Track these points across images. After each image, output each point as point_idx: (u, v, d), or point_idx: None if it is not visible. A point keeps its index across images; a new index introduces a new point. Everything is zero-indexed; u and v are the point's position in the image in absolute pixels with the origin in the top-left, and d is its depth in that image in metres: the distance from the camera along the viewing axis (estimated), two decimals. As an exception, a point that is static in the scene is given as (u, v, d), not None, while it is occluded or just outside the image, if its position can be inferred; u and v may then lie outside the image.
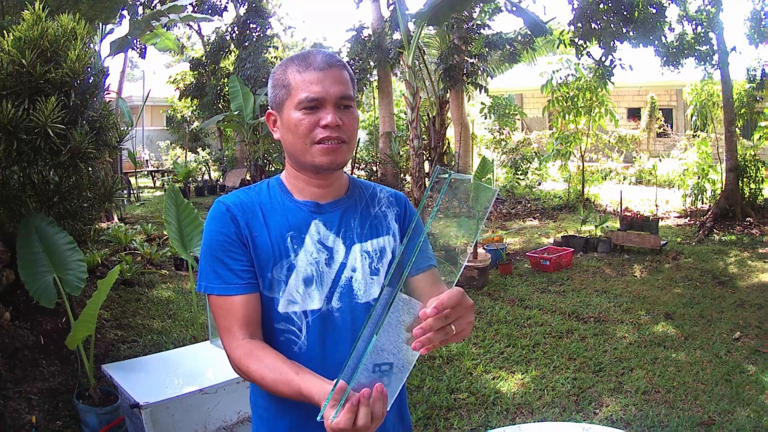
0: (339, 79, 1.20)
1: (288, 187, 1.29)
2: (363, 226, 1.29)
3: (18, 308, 3.56)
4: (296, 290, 1.21)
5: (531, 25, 7.92)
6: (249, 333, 1.19)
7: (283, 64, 1.24)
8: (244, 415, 2.96)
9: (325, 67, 1.19)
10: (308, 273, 1.22)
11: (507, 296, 5.35)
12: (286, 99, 1.21)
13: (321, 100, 1.18)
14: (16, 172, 3.40)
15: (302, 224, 1.24)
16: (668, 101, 17.81)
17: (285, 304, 1.21)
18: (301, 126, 1.18)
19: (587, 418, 3.19)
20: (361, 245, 1.27)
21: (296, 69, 1.20)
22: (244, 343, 1.17)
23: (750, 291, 5.43)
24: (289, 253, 1.22)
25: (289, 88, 1.20)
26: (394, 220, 1.35)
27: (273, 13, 16.07)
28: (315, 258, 1.23)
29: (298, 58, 1.22)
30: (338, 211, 1.28)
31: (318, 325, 1.22)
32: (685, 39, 8.72)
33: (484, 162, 5.80)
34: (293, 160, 1.26)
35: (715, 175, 9.28)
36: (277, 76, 1.24)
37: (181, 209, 3.93)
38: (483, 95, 12.01)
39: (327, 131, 1.18)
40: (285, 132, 1.23)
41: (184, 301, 5.14)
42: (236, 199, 1.25)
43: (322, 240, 1.24)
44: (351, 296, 1.25)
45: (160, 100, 18.01)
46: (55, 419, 3.04)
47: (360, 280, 1.26)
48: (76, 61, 3.16)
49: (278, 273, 1.21)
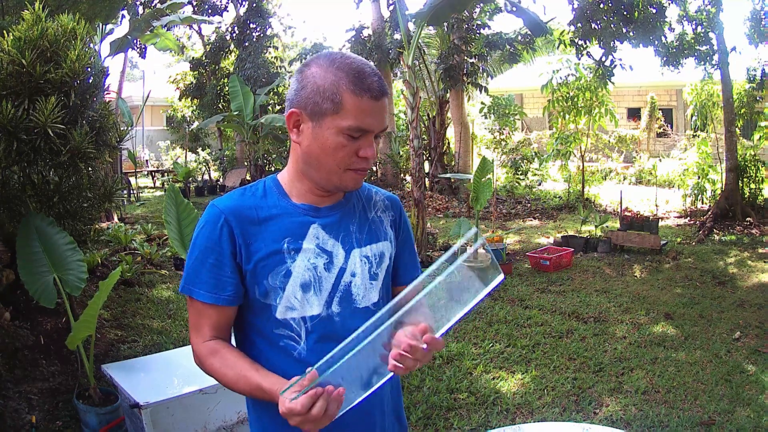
0: (386, 111, 1.18)
1: (286, 189, 1.26)
2: (362, 230, 1.29)
3: (18, 308, 3.56)
4: (294, 296, 1.20)
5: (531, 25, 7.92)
6: (216, 335, 1.22)
7: (329, 69, 1.14)
8: (244, 415, 2.96)
9: (380, 96, 1.14)
10: (306, 278, 1.20)
11: (507, 296, 5.35)
12: (330, 116, 1.13)
13: (367, 131, 1.15)
14: (16, 172, 3.40)
15: (300, 229, 1.22)
16: (668, 101, 17.82)
17: (283, 310, 1.20)
18: (341, 152, 1.15)
19: (587, 418, 3.18)
20: (360, 250, 1.26)
21: (350, 88, 1.12)
22: (209, 342, 1.21)
23: (750, 291, 5.43)
24: (286, 259, 1.20)
25: (338, 106, 1.12)
26: (390, 226, 1.35)
27: (273, 13, 16.05)
28: (313, 263, 1.21)
29: (353, 74, 1.13)
30: (337, 215, 1.26)
31: (318, 330, 1.21)
32: (685, 39, 8.72)
33: (484, 162, 5.80)
34: (309, 172, 1.21)
35: (715, 175, 9.28)
36: (321, 83, 1.13)
37: (181, 209, 3.93)
38: (483, 95, 12.02)
39: (363, 162, 1.17)
40: (315, 146, 1.16)
41: (184, 301, 5.14)
42: (232, 204, 1.21)
43: (321, 244, 1.23)
44: (350, 301, 1.24)
45: (160, 100, 18.01)
46: (55, 419, 3.04)
47: (359, 285, 1.25)
48: (76, 61, 3.16)
49: (274, 280, 1.19)
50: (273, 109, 13.46)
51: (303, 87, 1.16)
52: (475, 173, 5.81)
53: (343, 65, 1.13)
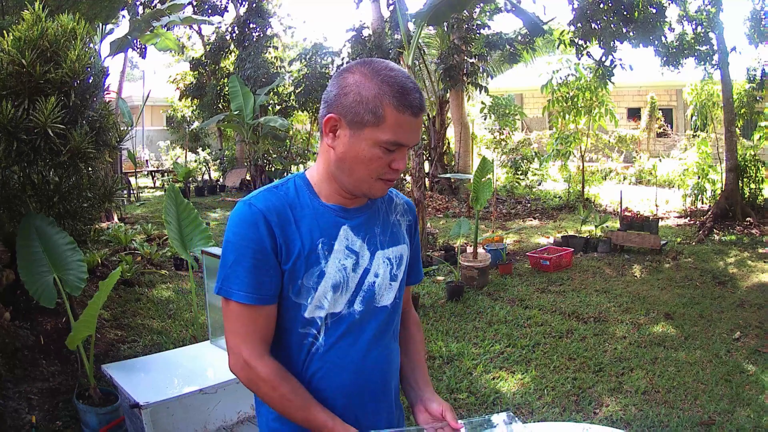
0: (421, 126, 1.21)
1: (315, 188, 1.27)
2: (385, 233, 1.32)
3: (18, 308, 3.56)
4: (324, 297, 1.23)
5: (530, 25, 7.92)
6: (267, 347, 1.22)
7: (375, 81, 1.14)
8: (244, 415, 2.96)
9: (419, 113, 1.16)
10: (337, 279, 1.23)
11: (507, 296, 5.35)
12: (370, 126, 1.15)
13: (403, 146, 1.18)
14: (16, 172, 3.40)
15: (332, 229, 1.24)
16: (668, 101, 17.82)
17: (312, 309, 1.23)
18: (375, 163, 1.17)
19: (587, 418, 3.18)
20: (383, 252, 1.30)
21: (393, 103, 1.13)
22: (269, 361, 1.21)
23: (750, 291, 5.43)
24: (320, 260, 1.22)
25: (380, 118, 1.14)
26: (405, 230, 1.40)
27: (273, 13, 16.05)
28: (343, 264, 1.24)
29: (396, 88, 1.14)
30: (363, 217, 1.29)
31: (337, 326, 1.25)
32: (685, 39, 8.72)
33: (484, 162, 5.80)
34: (339, 178, 1.22)
35: (715, 175, 9.28)
36: (364, 93, 1.14)
37: (181, 209, 3.93)
38: (483, 95, 12.01)
39: (394, 173, 1.20)
40: (350, 155, 1.18)
41: (184, 301, 5.14)
42: (269, 203, 1.21)
43: (350, 245, 1.25)
44: (372, 300, 1.28)
45: (160, 100, 18.02)
46: (55, 419, 3.04)
47: (381, 285, 1.29)
48: (76, 61, 3.16)
49: (308, 280, 1.21)
50: (273, 109, 13.46)
51: (345, 94, 1.16)
52: (475, 173, 5.81)
53: (388, 78, 1.15)
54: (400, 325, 1.40)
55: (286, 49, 18.72)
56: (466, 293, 5.38)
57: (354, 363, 1.25)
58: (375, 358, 1.28)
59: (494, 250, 6.26)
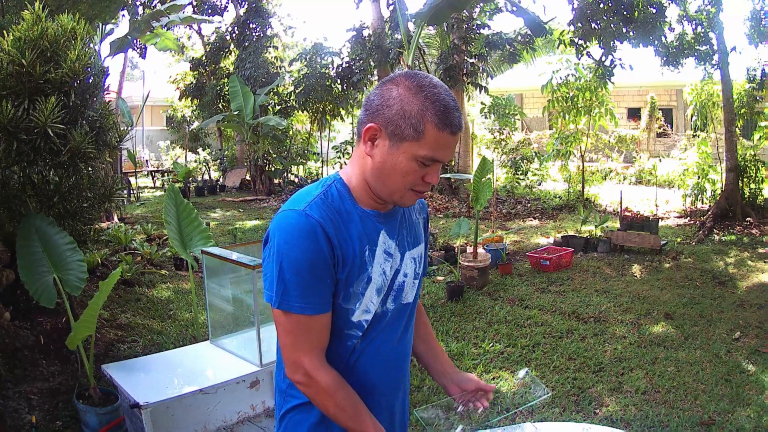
0: (457, 144, 1.25)
1: (354, 195, 1.28)
2: (410, 234, 1.38)
3: (18, 308, 3.56)
4: (371, 301, 1.27)
5: (531, 24, 7.93)
6: (324, 355, 1.26)
7: (419, 97, 1.17)
8: (244, 415, 2.96)
9: (458, 131, 1.20)
10: (380, 283, 1.28)
11: (507, 296, 5.35)
12: (409, 140, 1.17)
13: (439, 161, 1.21)
14: (16, 172, 3.40)
15: (374, 235, 1.28)
16: (668, 101, 17.82)
17: (359, 313, 1.27)
18: (410, 176, 1.21)
19: (587, 418, 3.18)
20: (410, 252, 1.36)
21: (435, 121, 1.16)
22: (328, 369, 1.24)
23: (750, 291, 5.43)
24: (367, 266, 1.26)
25: (420, 134, 1.16)
26: (422, 228, 1.45)
27: (273, 13, 16.05)
28: (383, 268, 1.29)
29: (439, 106, 1.17)
30: (395, 221, 1.34)
31: (374, 326, 1.30)
32: (685, 39, 8.72)
33: (484, 162, 5.80)
34: (374, 185, 1.25)
35: (715, 175, 9.28)
36: (407, 108, 1.17)
37: (181, 209, 3.93)
38: (483, 95, 12.01)
39: (426, 186, 1.24)
40: (387, 165, 1.20)
41: (184, 301, 5.14)
42: (324, 213, 1.21)
43: (388, 249, 1.30)
44: (400, 298, 1.35)
45: (160, 100, 18.02)
46: (55, 419, 3.04)
47: (408, 284, 1.36)
48: (76, 61, 3.16)
49: (357, 286, 1.25)
50: (273, 109, 13.46)
51: (389, 106, 1.19)
52: (475, 173, 5.80)
53: (431, 95, 1.17)
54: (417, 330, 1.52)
55: (286, 49, 18.72)
56: (466, 293, 5.38)
57: (384, 358, 1.33)
58: (400, 351, 1.37)
59: (494, 250, 6.26)
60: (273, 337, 2.72)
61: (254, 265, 2.73)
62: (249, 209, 11.19)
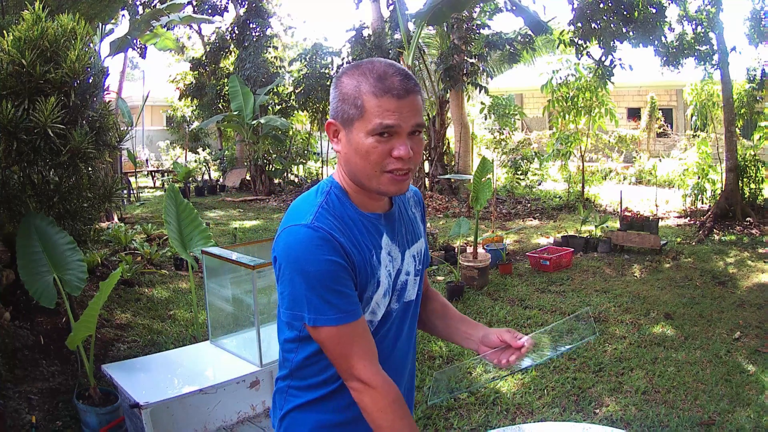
0: (415, 108, 1.17)
1: (351, 198, 1.26)
2: (408, 231, 1.36)
3: (18, 308, 3.56)
4: (378, 304, 1.26)
5: (531, 23, 7.93)
6: (377, 359, 1.22)
7: (354, 75, 1.17)
8: (244, 415, 2.96)
9: (404, 94, 1.15)
10: (386, 286, 1.27)
11: (507, 296, 5.35)
12: (357, 120, 1.16)
13: (396, 130, 1.15)
14: (16, 172, 3.40)
15: (378, 239, 1.26)
16: (668, 101, 17.82)
17: (369, 316, 1.26)
18: (373, 154, 1.16)
19: (587, 418, 3.18)
20: (409, 250, 1.34)
21: (371, 91, 1.14)
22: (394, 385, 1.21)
23: (750, 291, 5.42)
24: (376, 271, 1.24)
25: (362, 109, 1.15)
26: (420, 222, 1.43)
27: (273, 13, 16.05)
28: (388, 270, 1.27)
29: (374, 76, 1.15)
30: (393, 221, 1.32)
31: (381, 326, 1.29)
32: (685, 39, 8.71)
33: (484, 162, 5.80)
34: (355, 179, 1.23)
35: (715, 175, 9.27)
36: (346, 90, 1.17)
37: (181, 209, 3.93)
38: (483, 95, 12.00)
39: (399, 163, 1.17)
40: (351, 152, 1.19)
41: (184, 301, 5.14)
42: (331, 223, 1.19)
43: (390, 251, 1.28)
44: (403, 297, 1.33)
45: (160, 100, 18.02)
46: (55, 419, 3.04)
47: (409, 282, 1.34)
48: (76, 61, 3.16)
49: (368, 292, 1.24)
50: (273, 109, 13.46)
51: (335, 97, 1.20)
52: (475, 173, 5.80)
53: (366, 70, 1.17)
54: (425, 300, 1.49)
55: (286, 49, 18.73)
56: (466, 293, 5.38)
57: (388, 357, 1.31)
58: (404, 349, 1.37)
59: (494, 250, 6.26)
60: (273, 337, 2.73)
61: (254, 265, 2.73)
62: (249, 209, 11.19)
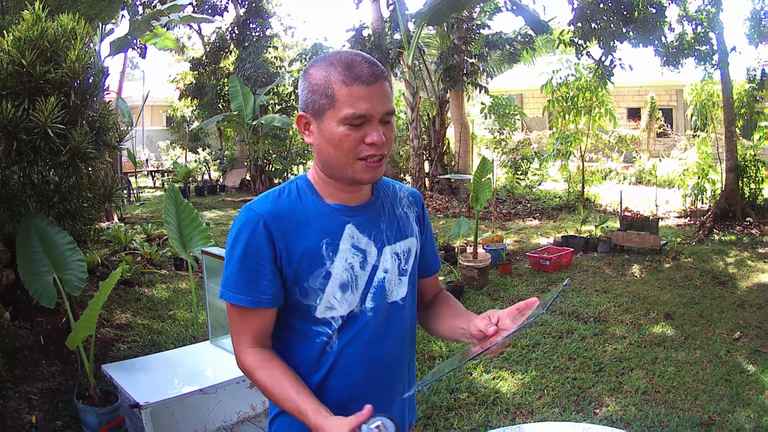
0: (385, 94, 1.18)
1: (317, 189, 1.27)
2: (391, 228, 1.33)
3: (18, 308, 3.56)
4: (333, 297, 1.24)
5: (532, 23, 7.93)
6: (259, 343, 1.24)
7: (321, 66, 1.18)
8: (244, 415, 2.96)
9: (372, 80, 1.15)
10: (344, 279, 1.24)
11: (507, 296, 5.35)
12: (328, 110, 1.16)
13: (367, 117, 1.15)
14: (16, 172, 3.41)
15: (336, 229, 1.25)
16: (668, 101, 17.82)
17: (323, 310, 1.24)
18: (346, 142, 1.16)
19: (587, 418, 3.18)
20: (391, 247, 1.31)
21: (341, 79, 1.15)
22: (252, 352, 1.23)
23: (750, 291, 5.42)
24: (325, 261, 1.22)
25: (332, 99, 1.15)
26: (414, 222, 1.39)
27: (273, 13, 16.05)
28: (350, 263, 1.25)
29: (342, 65, 1.16)
30: (368, 214, 1.30)
31: (351, 325, 1.26)
32: (685, 39, 8.71)
33: (484, 162, 5.80)
34: (328, 170, 1.23)
35: (715, 175, 9.27)
36: (315, 81, 1.18)
37: (181, 209, 3.93)
38: (483, 95, 12.01)
39: (372, 149, 1.17)
40: (323, 143, 1.19)
41: (184, 301, 5.14)
42: (270, 208, 1.22)
43: (356, 243, 1.26)
44: (383, 296, 1.29)
45: (160, 100, 18.01)
46: (55, 419, 3.04)
47: (391, 281, 1.30)
48: (76, 61, 3.17)
49: (314, 282, 1.22)
50: (273, 109, 13.46)
51: (303, 90, 1.21)
52: (475, 173, 5.80)
53: (334, 60, 1.17)
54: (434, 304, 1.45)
55: (286, 49, 18.72)
56: (466, 293, 5.38)
57: (367, 360, 1.27)
58: (388, 354, 1.30)
59: (494, 250, 6.26)
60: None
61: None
62: (249, 209, 11.17)
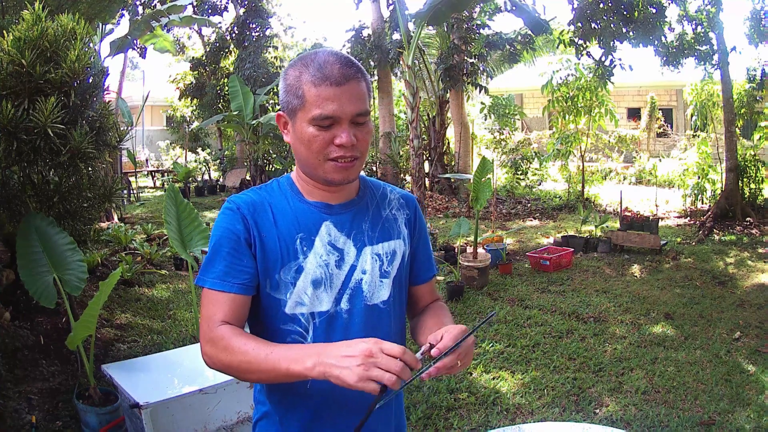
0: (355, 95, 1.16)
1: (298, 187, 1.28)
2: (374, 228, 1.30)
3: (18, 308, 3.56)
4: (305, 292, 1.21)
5: (531, 23, 7.92)
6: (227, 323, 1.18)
7: (297, 66, 1.18)
8: (244, 415, 2.96)
9: (342, 81, 1.14)
10: (317, 275, 1.22)
11: (507, 296, 5.35)
12: (299, 110, 1.16)
13: (336, 118, 1.14)
14: (16, 172, 3.41)
15: (313, 225, 1.24)
16: (668, 101, 17.82)
17: (292, 305, 1.21)
18: (315, 142, 1.16)
19: (587, 418, 3.18)
20: (372, 248, 1.28)
21: (311, 80, 1.14)
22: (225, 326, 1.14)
23: (750, 291, 5.42)
24: (298, 255, 1.21)
25: (302, 99, 1.15)
26: (404, 224, 1.35)
27: (273, 13, 16.04)
28: (325, 260, 1.22)
29: (314, 66, 1.15)
30: (349, 213, 1.28)
31: (325, 326, 1.22)
32: (685, 39, 8.71)
33: (484, 162, 5.80)
34: (304, 169, 1.24)
35: (715, 175, 9.28)
36: (289, 81, 1.18)
37: (181, 209, 3.93)
38: (483, 95, 12.00)
39: (341, 150, 1.16)
40: (296, 142, 1.20)
41: (184, 301, 5.14)
42: (247, 198, 1.24)
43: (333, 242, 1.24)
44: (360, 298, 1.25)
45: (160, 100, 18.00)
46: (55, 419, 3.04)
47: (370, 283, 1.26)
48: (76, 61, 3.16)
49: (286, 275, 1.20)
50: (273, 109, 13.44)
51: (281, 89, 1.22)
52: (475, 173, 5.80)
53: (309, 60, 1.17)
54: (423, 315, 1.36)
55: (286, 49, 18.71)
56: (466, 293, 5.38)
57: None
58: None
59: (494, 250, 6.26)
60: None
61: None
62: (249, 209, 11.18)
